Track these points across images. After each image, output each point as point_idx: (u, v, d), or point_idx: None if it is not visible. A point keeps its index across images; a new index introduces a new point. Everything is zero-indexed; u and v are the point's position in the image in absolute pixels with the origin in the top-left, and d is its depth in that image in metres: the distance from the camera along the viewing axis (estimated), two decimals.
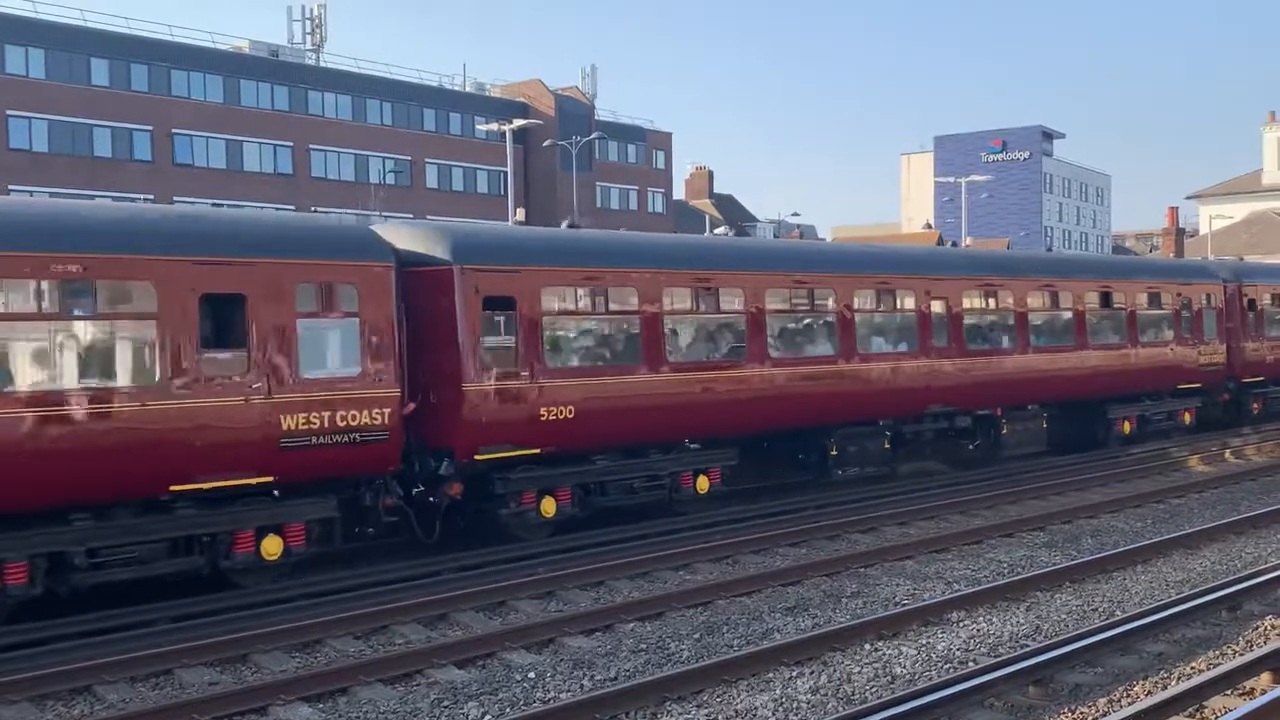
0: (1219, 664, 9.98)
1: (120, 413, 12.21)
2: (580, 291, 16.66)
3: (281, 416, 13.19)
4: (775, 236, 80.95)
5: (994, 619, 11.95)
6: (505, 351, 15.48)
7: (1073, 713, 9.07)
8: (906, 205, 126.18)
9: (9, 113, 54.43)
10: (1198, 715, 8.78)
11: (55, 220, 12.75)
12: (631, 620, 12.15)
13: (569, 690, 10.01)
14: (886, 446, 20.70)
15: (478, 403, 15.08)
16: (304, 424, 13.32)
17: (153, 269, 12.49)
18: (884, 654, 10.76)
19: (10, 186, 48.58)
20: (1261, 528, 16.79)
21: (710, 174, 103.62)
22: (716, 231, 63.24)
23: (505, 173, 51.02)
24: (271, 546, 13.25)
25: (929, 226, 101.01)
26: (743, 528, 17.20)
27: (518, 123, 50.27)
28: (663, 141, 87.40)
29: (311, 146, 66.04)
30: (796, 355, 19.30)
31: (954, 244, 37.46)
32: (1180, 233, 74.56)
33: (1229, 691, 9.23)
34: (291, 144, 65.06)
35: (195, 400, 12.60)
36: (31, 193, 48.61)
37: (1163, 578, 13.76)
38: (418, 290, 14.75)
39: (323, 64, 70.45)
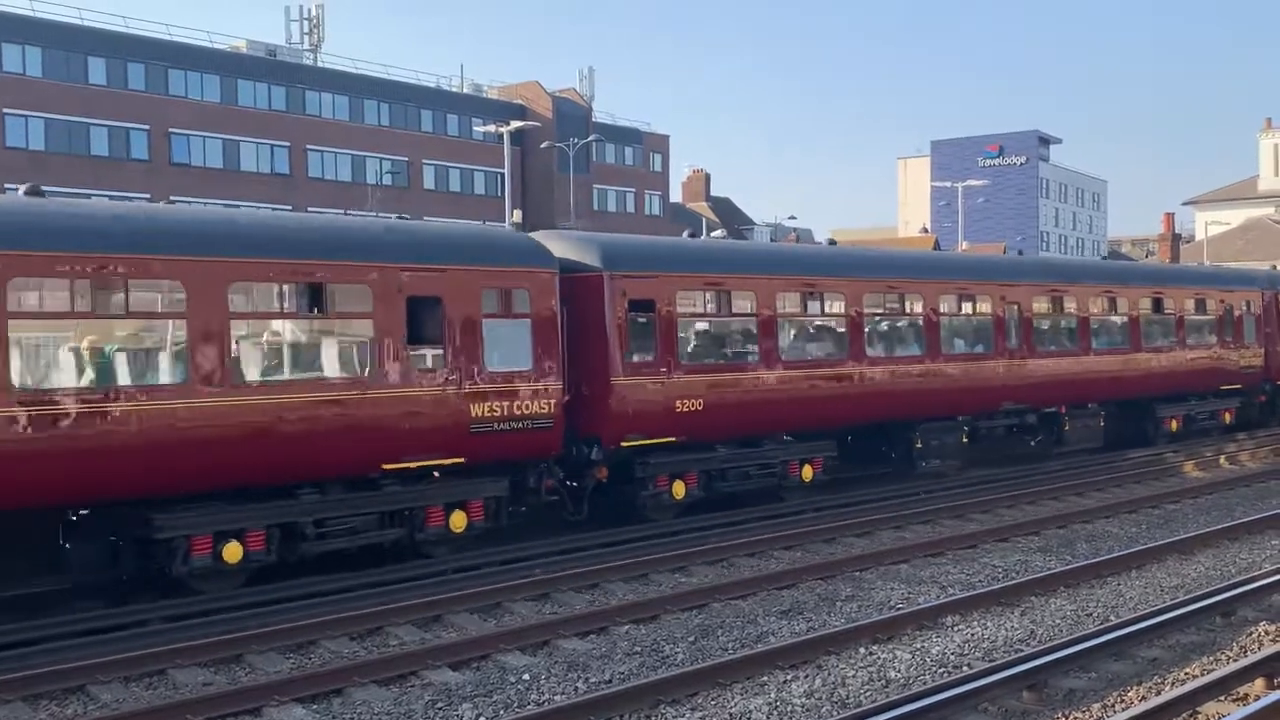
0: (1213, 669, 10.00)
1: (346, 399, 13.92)
2: (707, 295, 18.65)
3: (471, 405, 14.96)
4: (772, 240, 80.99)
5: (989, 623, 11.96)
6: (646, 349, 17.15)
7: (1067, 718, 9.07)
8: (903, 209, 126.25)
9: (6, 111, 54.36)
10: None
11: (300, 232, 14.69)
12: (626, 622, 12.15)
13: (564, 692, 10.01)
14: (964, 441, 22.42)
15: (624, 395, 16.81)
16: (488, 412, 15.12)
17: (371, 274, 14.26)
18: (879, 658, 10.77)
19: (6, 185, 48.47)
20: (1255, 533, 16.82)
21: (707, 176, 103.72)
22: (714, 234, 63.28)
23: (502, 174, 51.04)
24: (458, 521, 15.01)
25: (925, 230, 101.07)
26: (736, 530, 17.22)
27: (515, 124, 50.29)
28: (660, 144, 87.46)
29: (309, 147, 66.01)
30: (889, 355, 21.09)
31: (1019, 252, 38.53)
32: (1176, 239, 74.68)
33: (1223, 697, 9.23)
34: (288, 144, 65.03)
35: (404, 389, 14.38)
36: None
37: (1157, 583, 13.78)
38: (572, 294, 16.39)
39: (320, 64, 70.44)
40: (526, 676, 10.45)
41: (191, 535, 12.85)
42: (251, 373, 13.71)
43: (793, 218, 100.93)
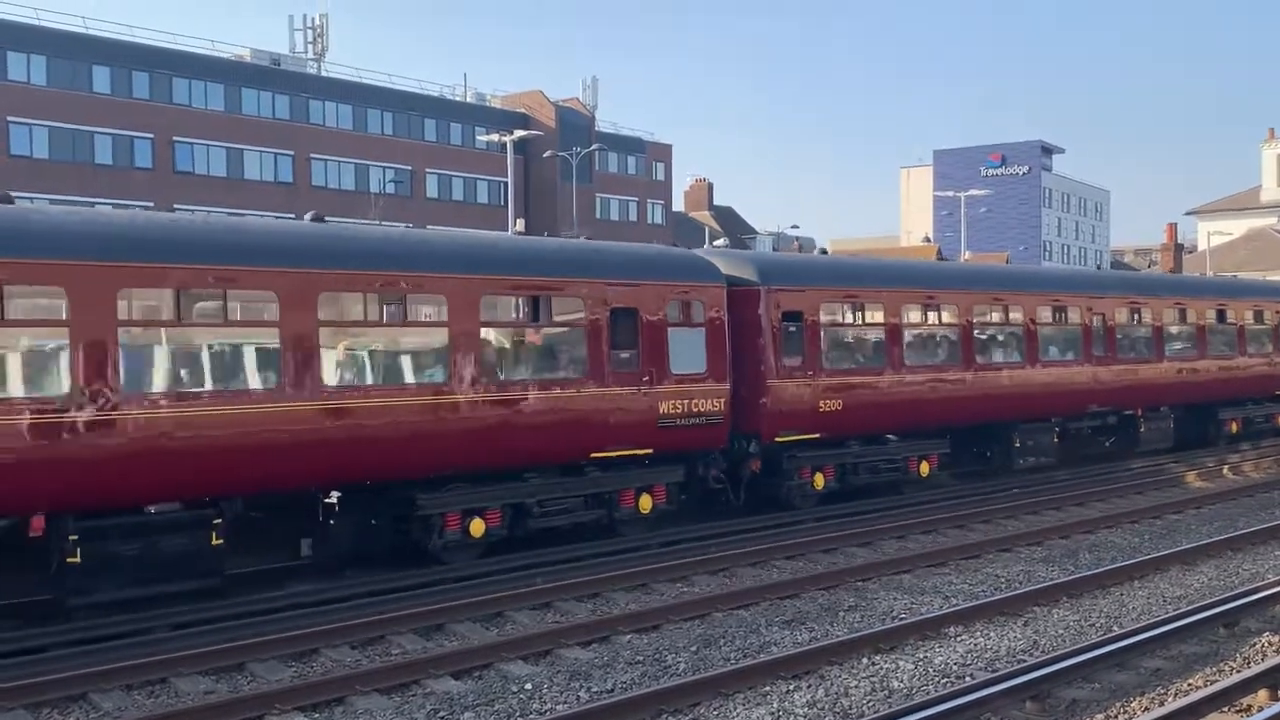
0: (1216, 681, 9.98)
1: (566, 397, 16.07)
2: (845, 306, 20.57)
3: (659, 402, 17.05)
4: (774, 249, 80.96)
5: (991, 634, 11.94)
6: (796, 355, 19.12)
7: None
8: (906, 219, 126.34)
9: (10, 119, 54.50)
10: None
11: (534, 253, 16.97)
12: (629, 632, 12.14)
13: (565, 702, 9.99)
14: (1055, 440, 24.46)
15: (778, 396, 18.87)
16: (673, 409, 17.22)
17: (583, 289, 16.47)
18: (881, 668, 10.75)
19: (10, 193, 48.55)
20: (1259, 544, 16.79)
21: (710, 186, 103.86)
22: (716, 244, 63.30)
23: (506, 183, 51.08)
24: (646, 503, 17.10)
25: (928, 240, 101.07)
26: (738, 540, 17.20)
27: (518, 133, 50.44)
28: (663, 153, 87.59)
29: (312, 155, 66.15)
30: (995, 361, 23.12)
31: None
32: (1179, 249, 74.66)
33: (1226, 708, 9.21)
34: (292, 153, 65.17)
35: (609, 389, 16.51)
36: (32, 199, 48.62)
37: (1160, 594, 13.76)
38: (734, 305, 18.29)
39: (324, 73, 70.62)
40: (528, 686, 10.43)
41: (445, 513, 14.96)
42: (499, 374, 15.80)
43: (795, 227, 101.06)
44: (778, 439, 18.86)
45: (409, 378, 15.07)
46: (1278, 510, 20.03)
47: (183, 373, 13.28)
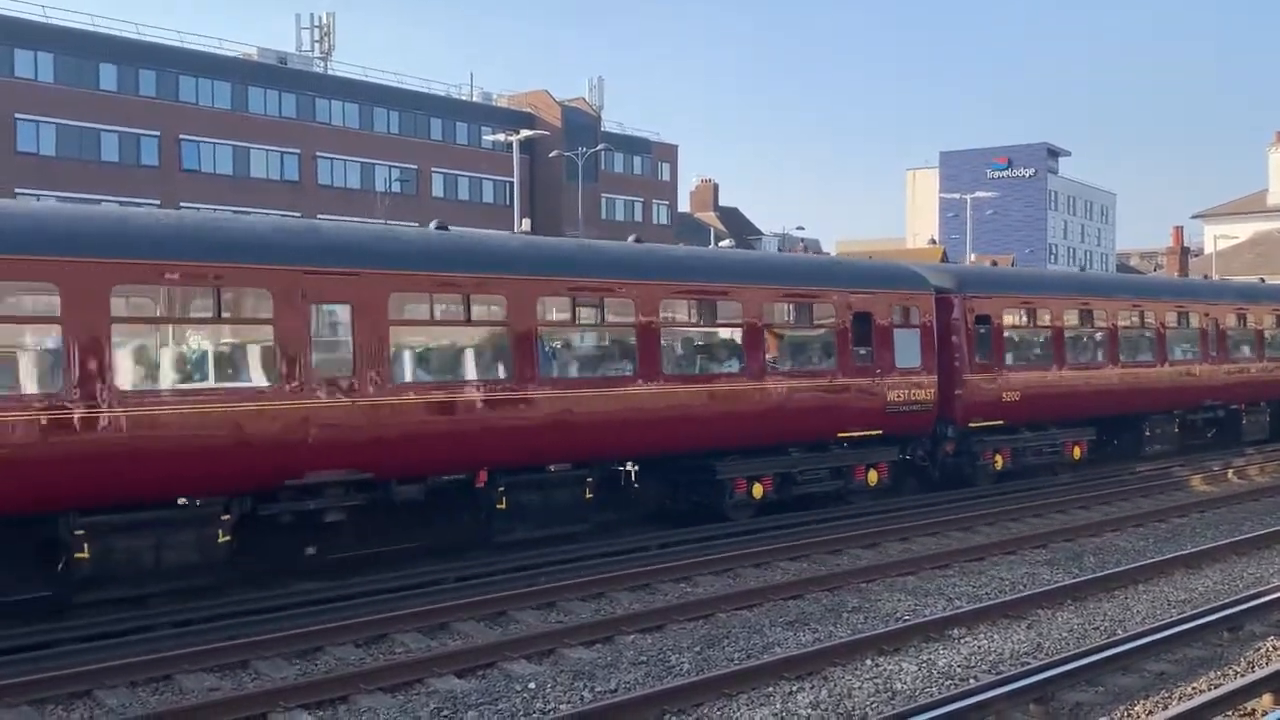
0: (1220, 684, 9.97)
1: (826, 385, 19.45)
2: (1021, 311, 23.84)
3: (888, 391, 20.24)
4: (779, 250, 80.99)
5: (995, 636, 11.94)
6: (985, 353, 22.47)
7: None
8: (911, 220, 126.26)
9: (18, 116, 54.57)
10: None
11: (794, 267, 21.05)
12: (632, 632, 12.14)
13: (569, 701, 10.00)
14: (1176, 430, 27.70)
15: (972, 388, 22.08)
16: (897, 397, 20.40)
17: (834, 296, 19.80)
18: (885, 669, 10.75)
19: (17, 190, 48.72)
20: (1264, 548, 16.77)
21: (715, 186, 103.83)
22: (722, 244, 63.27)
23: (511, 183, 51.07)
24: (873, 477, 20.11)
25: (934, 242, 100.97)
26: (743, 541, 17.21)
27: (524, 133, 50.42)
28: (668, 153, 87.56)
29: (318, 154, 66.21)
30: (1133, 360, 26.32)
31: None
32: (1185, 252, 74.47)
33: (1230, 712, 9.20)
34: (298, 151, 65.23)
35: (854, 379, 19.79)
36: (39, 196, 48.73)
37: (1164, 597, 13.75)
38: (937, 310, 21.47)
39: (330, 72, 70.67)
40: (532, 685, 10.44)
41: (735, 478, 18.20)
42: (779, 365, 18.98)
43: (800, 228, 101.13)
44: (970, 425, 22.15)
45: (717, 368, 18.53)
46: None
47: (572, 366, 16.94)
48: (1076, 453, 24.50)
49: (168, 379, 13.04)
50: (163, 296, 13.01)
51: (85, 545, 12.20)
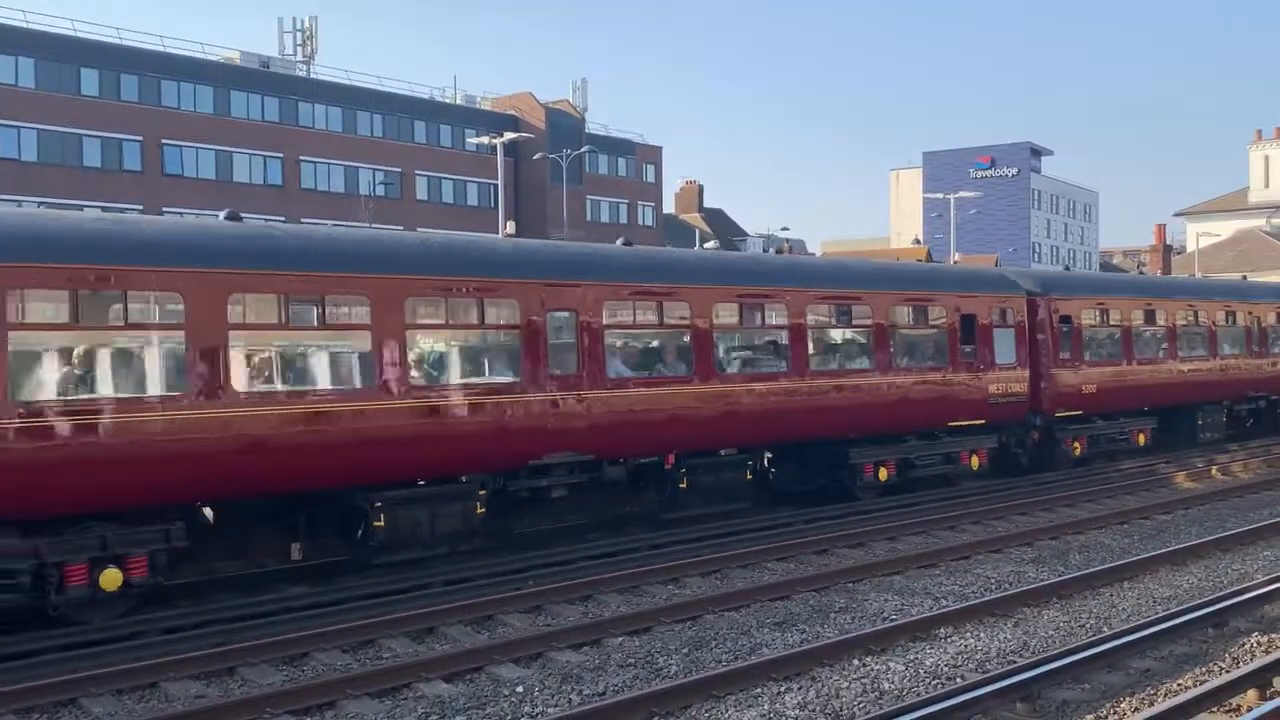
0: (1205, 680, 10.02)
1: (938, 380, 21.82)
2: (1096, 311, 26.18)
3: (989, 384, 22.59)
4: (765, 250, 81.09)
5: (982, 635, 11.98)
6: (1067, 349, 24.79)
7: None
8: (895, 220, 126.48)
9: None
10: None
11: (913, 273, 24.24)
12: (620, 634, 12.14)
13: (557, 704, 10.00)
14: (1224, 420, 30.00)
15: (1056, 381, 24.45)
16: (997, 390, 22.78)
17: (945, 299, 22.26)
18: (872, 669, 10.77)
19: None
20: (1247, 545, 16.86)
21: (700, 188, 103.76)
22: (707, 246, 63.29)
23: (495, 185, 51.05)
24: (975, 462, 22.42)
25: (918, 242, 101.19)
26: (730, 542, 17.22)
27: (508, 136, 50.42)
28: (653, 155, 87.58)
29: (302, 158, 66.04)
30: (1189, 355, 28.80)
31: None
32: (1168, 250, 74.86)
33: (1215, 708, 9.25)
34: (281, 155, 65.03)
35: (962, 374, 22.23)
36: (20, 202, 48.47)
37: (1150, 594, 13.81)
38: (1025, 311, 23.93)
39: (313, 75, 70.49)
40: (520, 689, 10.43)
41: (864, 462, 20.32)
42: (901, 362, 21.28)
43: (785, 229, 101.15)
44: (1055, 415, 24.49)
45: (851, 365, 20.71)
46: (1266, 511, 20.10)
47: (737, 363, 19.00)
48: (1141, 439, 26.86)
49: (454, 375, 15.57)
50: (445, 307, 15.53)
51: (381, 516, 14.31)
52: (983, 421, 22.53)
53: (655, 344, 18.17)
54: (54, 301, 12.47)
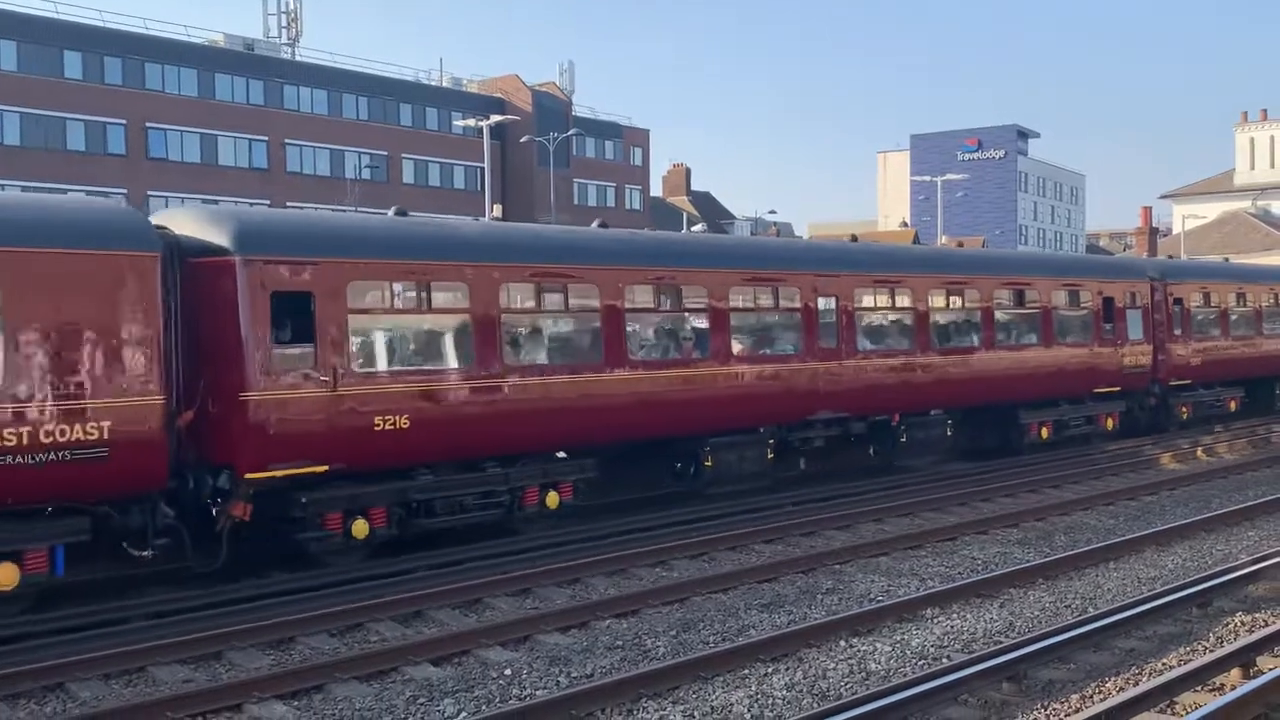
0: (1190, 660, 10.07)
1: (1087, 353, 26.03)
2: (1200, 294, 30.05)
3: (1123, 358, 26.72)
4: (752, 234, 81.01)
5: (968, 615, 12.02)
6: (1178, 326, 28.82)
7: (1045, 709, 9.13)
8: (883, 203, 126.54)
9: None
10: (1169, 711, 8.84)
11: (1069, 262, 29.77)
12: (608, 617, 12.16)
13: (545, 687, 10.01)
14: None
15: (1170, 353, 28.42)
16: (1128, 362, 27.00)
17: (1090, 285, 26.31)
18: (859, 650, 10.81)
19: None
20: (1232, 525, 16.95)
21: (688, 171, 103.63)
22: (695, 229, 63.20)
23: (482, 168, 50.89)
24: (1109, 423, 26.71)
25: (905, 224, 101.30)
26: (719, 525, 17.25)
27: (495, 119, 50.22)
28: (640, 138, 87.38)
29: (287, 141, 65.72)
30: (1274, 333, 32.83)
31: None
32: (1154, 232, 74.93)
33: (1199, 687, 9.30)
34: (267, 138, 64.71)
35: (1103, 348, 26.28)
36: (4, 186, 48.18)
37: (1135, 574, 13.87)
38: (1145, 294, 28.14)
39: (298, 58, 70.11)
40: (508, 671, 10.44)
41: (1031, 423, 24.70)
42: (1061, 338, 25.29)
43: (773, 212, 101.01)
44: (1170, 383, 28.41)
45: (1024, 340, 24.69)
46: (1250, 491, 20.22)
47: (948, 338, 23.11)
48: (1233, 406, 31.05)
49: (760, 348, 19.82)
50: (753, 294, 19.86)
51: (709, 457, 18.40)
52: (1118, 389, 26.65)
53: (888, 323, 22.29)
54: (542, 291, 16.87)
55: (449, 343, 15.55)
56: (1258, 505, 18.18)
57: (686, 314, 18.77)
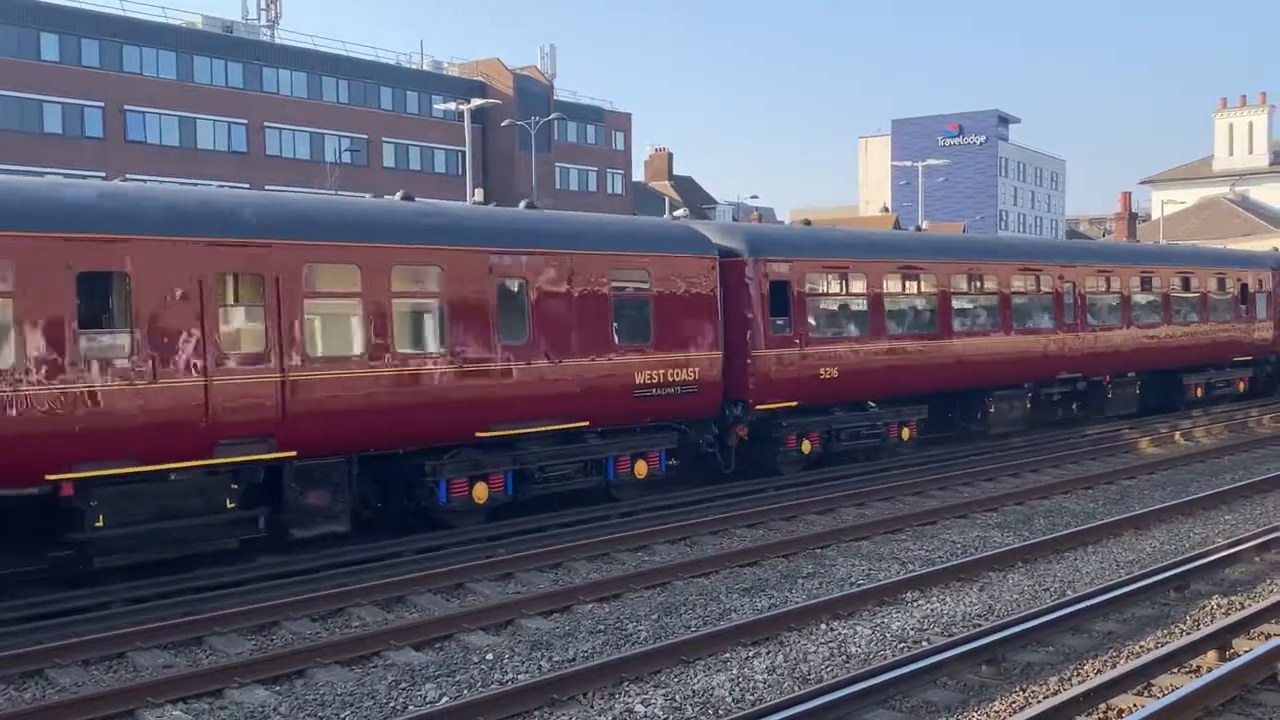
0: (1167, 643, 10.16)
1: (1230, 329, 31.94)
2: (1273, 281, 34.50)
3: (1254, 333, 32.49)
4: (734, 219, 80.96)
5: (948, 599, 12.10)
6: (1272, 311, 34.10)
7: (1024, 691, 9.19)
8: (864, 188, 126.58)
9: None
10: (1146, 693, 8.92)
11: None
12: (590, 601, 12.19)
13: (527, 671, 10.03)
14: None
15: (1270, 333, 33.73)
16: (1257, 337, 32.71)
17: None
18: (839, 633, 10.87)
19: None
20: (1209, 509, 17.09)
21: (670, 155, 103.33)
22: (676, 214, 63.09)
23: (463, 152, 50.63)
24: (1241, 386, 32.82)
25: (886, 210, 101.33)
26: (701, 509, 17.29)
27: (476, 102, 49.91)
28: (622, 122, 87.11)
29: (266, 124, 65.24)
30: None
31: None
32: (1133, 217, 75.21)
33: (1176, 670, 9.39)
34: (246, 121, 64.23)
35: (1240, 325, 32.33)
36: None
37: (1113, 558, 13.98)
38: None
39: (278, 40, 69.55)
40: (490, 656, 10.46)
41: (1191, 384, 30.72)
42: (1211, 317, 31.28)
43: (754, 197, 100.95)
44: (1266, 358, 33.98)
45: (1186, 317, 30.29)
46: (1228, 476, 20.38)
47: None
48: None
49: (1025, 320, 25.45)
50: (1023, 280, 25.44)
51: (993, 406, 24.55)
52: (1250, 358, 32.70)
53: (1104, 304, 27.71)
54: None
55: (858, 315, 21.48)
56: (1235, 489, 18.33)
57: (984, 295, 24.49)
